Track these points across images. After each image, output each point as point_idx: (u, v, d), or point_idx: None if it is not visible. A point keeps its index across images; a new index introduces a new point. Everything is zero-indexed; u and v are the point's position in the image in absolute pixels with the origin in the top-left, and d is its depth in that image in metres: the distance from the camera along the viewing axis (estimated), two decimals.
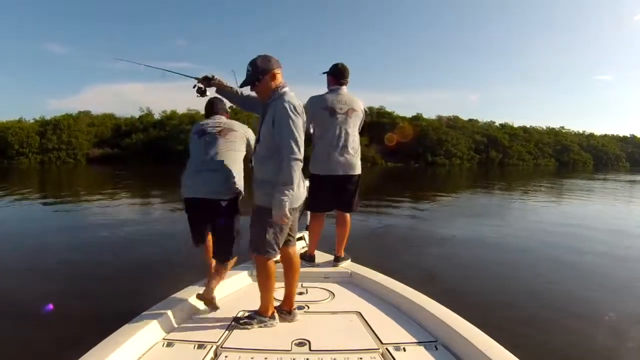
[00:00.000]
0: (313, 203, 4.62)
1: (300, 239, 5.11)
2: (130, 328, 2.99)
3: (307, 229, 5.07)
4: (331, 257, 4.80)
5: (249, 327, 3.23)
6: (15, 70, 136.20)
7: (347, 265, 4.65)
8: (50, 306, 4.94)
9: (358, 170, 4.60)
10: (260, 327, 3.24)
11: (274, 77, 3.17)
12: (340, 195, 4.58)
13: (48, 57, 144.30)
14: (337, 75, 4.57)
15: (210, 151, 3.83)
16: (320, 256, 4.87)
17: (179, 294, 3.70)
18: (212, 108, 4.17)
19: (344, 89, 4.58)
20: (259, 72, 3.16)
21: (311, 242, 4.87)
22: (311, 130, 4.53)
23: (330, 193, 4.57)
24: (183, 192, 3.85)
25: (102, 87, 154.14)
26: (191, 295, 3.68)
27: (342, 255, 4.72)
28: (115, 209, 14.93)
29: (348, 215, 4.71)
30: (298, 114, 3.06)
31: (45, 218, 13.20)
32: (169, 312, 3.33)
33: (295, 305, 3.57)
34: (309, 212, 4.90)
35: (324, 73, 4.67)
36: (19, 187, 24.53)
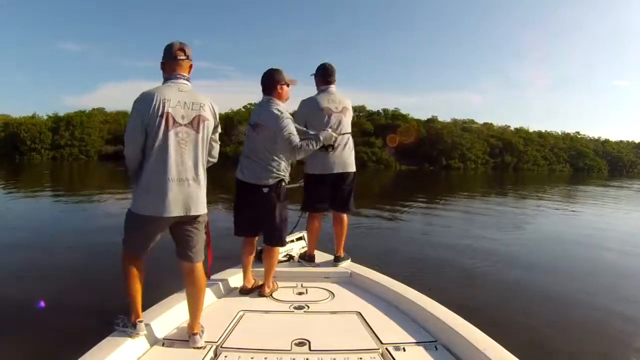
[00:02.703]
0: (308, 203, 4.65)
1: (300, 239, 5.16)
2: None
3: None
4: (331, 257, 4.76)
5: (115, 327, 2.99)
6: (31, 68, 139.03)
7: (346, 265, 4.62)
8: (42, 303, 4.91)
9: (353, 168, 4.58)
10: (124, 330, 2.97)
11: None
12: (336, 194, 4.55)
13: (63, 55, 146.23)
14: (325, 75, 4.60)
15: None
16: (320, 256, 4.84)
17: (179, 294, 3.63)
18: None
19: (334, 87, 4.59)
20: None
21: (310, 242, 4.83)
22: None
23: (325, 192, 4.54)
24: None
25: (117, 84, 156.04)
26: None
27: (342, 255, 4.68)
28: (121, 207, 14.63)
29: (344, 215, 4.66)
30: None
31: (48, 215, 13.16)
32: (169, 312, 3.33)
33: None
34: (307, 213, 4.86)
35: (312, 75, 4.67)
36: (25, 183, 24.83)
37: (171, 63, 3.04)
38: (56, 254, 7.78)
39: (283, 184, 3.90)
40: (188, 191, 2.92)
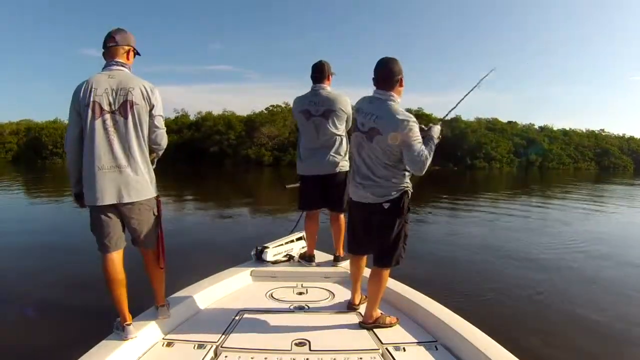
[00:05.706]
0: (300, 201, 4.65)
1: (300, 239, 5.15)
2: None
3: None
4: (331, 257, 4.75)
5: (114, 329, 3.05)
6: (54, 73, 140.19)
7: (346, 265, 4.53)
8: (30, 311, 4.96)
9: (340, 169, 4.39)
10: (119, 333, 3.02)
11: None
12: (326, 193, 4.46)
13: (86, 61, 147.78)
14: (311, 74, 4.43)
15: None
16: (320, 256, 4.84)
17: (178, 294, 3.72)
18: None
19: (324, 87, 4.40)
20: None
21: (308, 242, 4.83)
22: None
23: (315, 192, 4.48)
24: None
25: None
26: (191, 295, 3.72)
27: (342, 254, 4.62)
28: None
29: (340, 214, 4.57)
30: None
31: (53, 216, 13.39)
32: (169, 312, 3.35)
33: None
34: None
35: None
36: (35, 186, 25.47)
37: (106, 51, 3.06)
38: (60, 254, 7.90)
39: (407, 196, 3.30)
40: (120, 179, 2.93)
